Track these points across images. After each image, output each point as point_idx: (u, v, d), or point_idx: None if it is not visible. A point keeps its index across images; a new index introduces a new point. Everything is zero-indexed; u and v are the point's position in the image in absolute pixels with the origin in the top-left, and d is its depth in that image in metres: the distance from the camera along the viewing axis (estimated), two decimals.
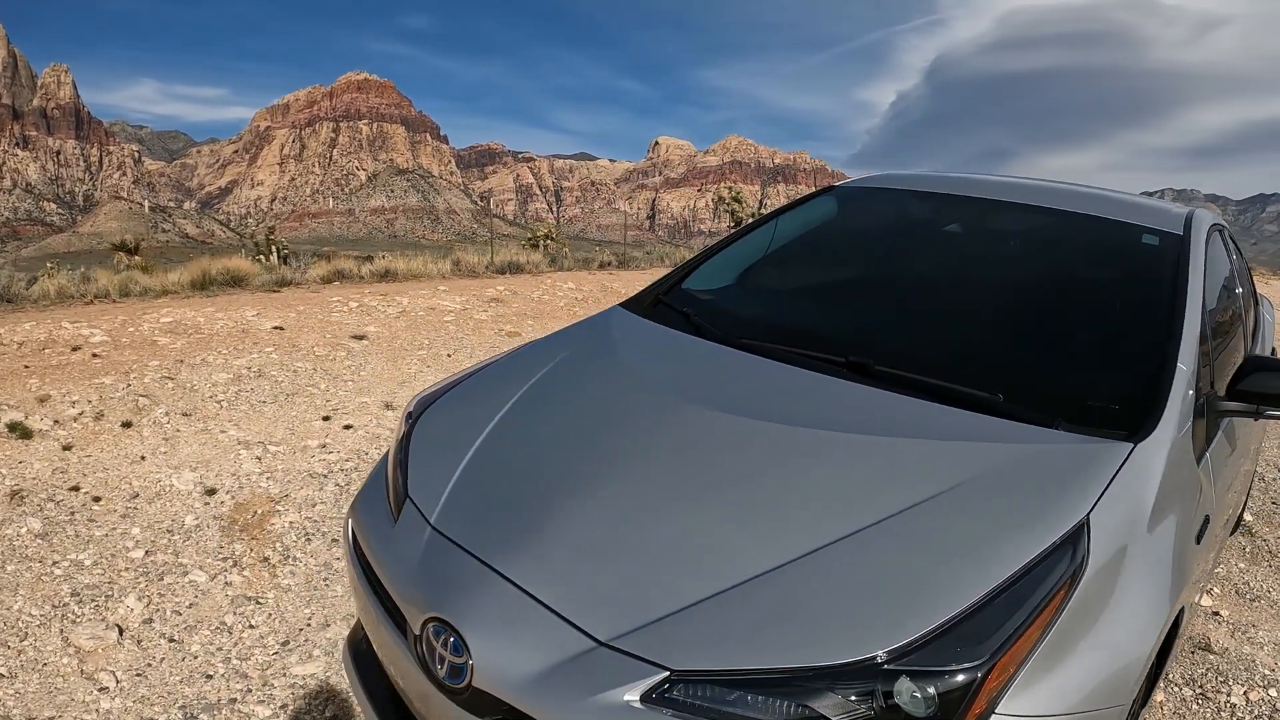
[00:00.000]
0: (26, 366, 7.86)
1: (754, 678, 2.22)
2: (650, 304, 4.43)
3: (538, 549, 2.68)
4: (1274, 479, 7.61)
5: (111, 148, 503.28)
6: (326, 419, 7.28)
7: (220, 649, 4.24)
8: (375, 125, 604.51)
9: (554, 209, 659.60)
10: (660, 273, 18.26)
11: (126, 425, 6.77)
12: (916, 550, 2.47)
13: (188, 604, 4.57)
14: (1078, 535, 2.52)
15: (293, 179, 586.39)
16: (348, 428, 7.14)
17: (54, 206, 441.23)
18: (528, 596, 2.54)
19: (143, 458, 6.25)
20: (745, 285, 4.92)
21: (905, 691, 2.14)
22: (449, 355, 9.44)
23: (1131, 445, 2.94)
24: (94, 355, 8.33)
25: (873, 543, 2.50)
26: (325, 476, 6.18)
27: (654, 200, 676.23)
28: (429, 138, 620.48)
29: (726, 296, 4.77)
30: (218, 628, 4.39)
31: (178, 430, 6.80)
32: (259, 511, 5.56)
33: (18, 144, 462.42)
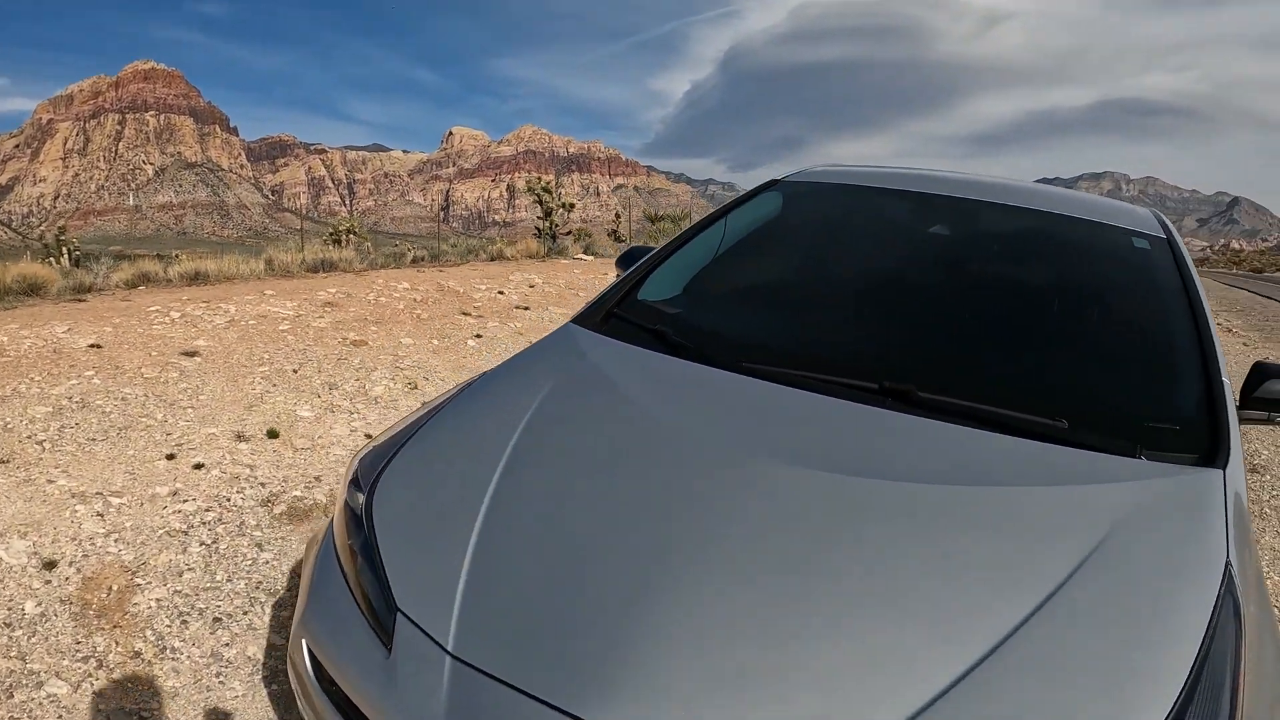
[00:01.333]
0: None
1: None
2: (616, 322, 3.84)
3: (634, 681, 2.03)
4: None
5: None
6: (171, 457, 6.25)
7: None
8: (163, 117, 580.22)
9: (347, 202, 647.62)
10: (481, 269, 17.37)
11: None
12: (1101, 632, 2.17)
13: None
14: (1230, 582, 2.34)
15: (77, 174, 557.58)
16: (198, 467, 6.14)
17: None
18: None
19: None
20: (716, 296, 4.38)
21: None
22: (294, 370, 8.48)
23: (1221, 472, 2.82)
24: None
25: (1053, 628, 2.16)
26: (186, 534, 5.22)
27: (448, 191, 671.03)
28: (218, 129, 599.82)
29: (701, 310, 4.22)
30: None
31: None
32: (114, 587, 4.58)
33: None
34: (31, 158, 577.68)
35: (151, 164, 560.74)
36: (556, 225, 32.32)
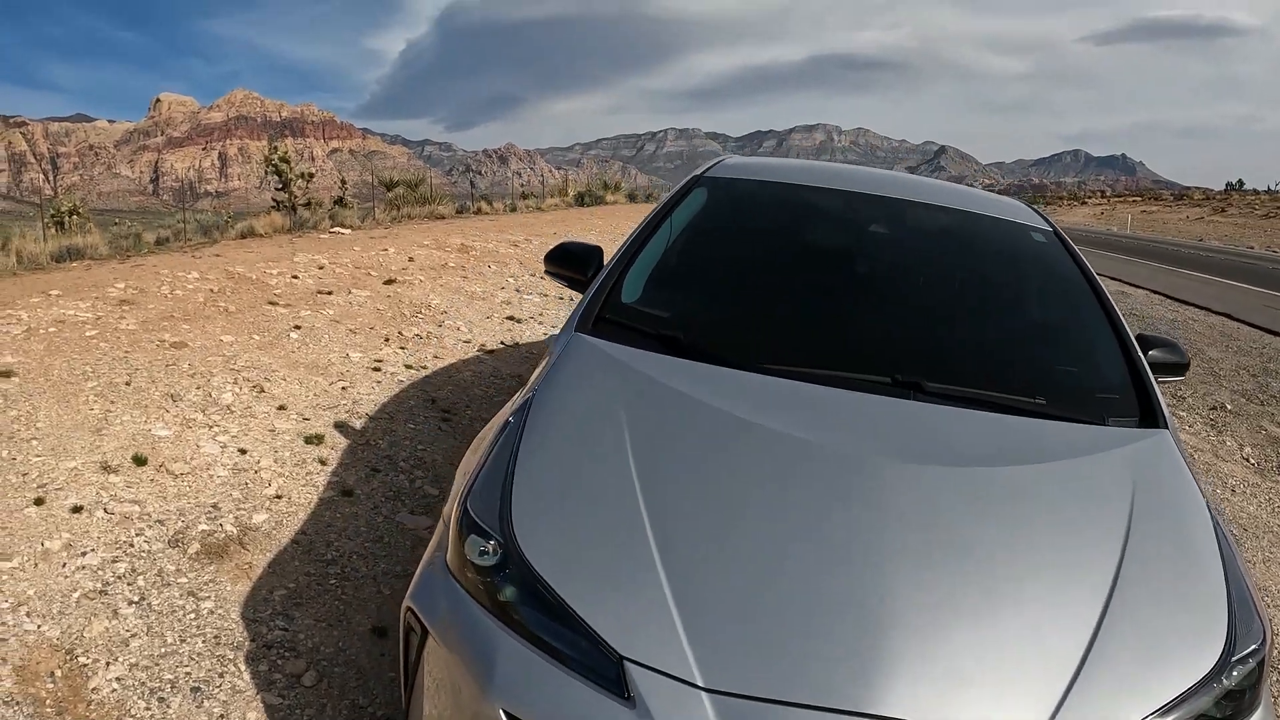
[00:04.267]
0: None
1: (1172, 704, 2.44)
2: (622, 330, 3.94)
3: (896, 671, 2.35)
4: None
5: None
6: (40, 502, 5.47)
7: None
8: None
9: (51, 178, 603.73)
10: (255, 250, 16.43)
11: None
12: (1170, 572, 2.89)
13: None
14: (1212, 512, 3.17)
15: None
16: (78, 510, 5.41)
17: None
18: None
19: None
20: (699, 296, 4.57)
21: (1238, 675, 2.56)
22: (127, 383, 7.64)
23: (1167, 431, 3.63)
24: None
25: (1145, 571, 2.82)
26: (105, 594, 4.59)
27: (157, 162, 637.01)
28: None
29: (701, 313, 4.43)
30: None
31: None
32: (58, 673, 3.96)
33: None
34: None
35: None
36: (295, 196, 30.93)
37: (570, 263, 4.65)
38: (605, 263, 4.55)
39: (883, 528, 2.77)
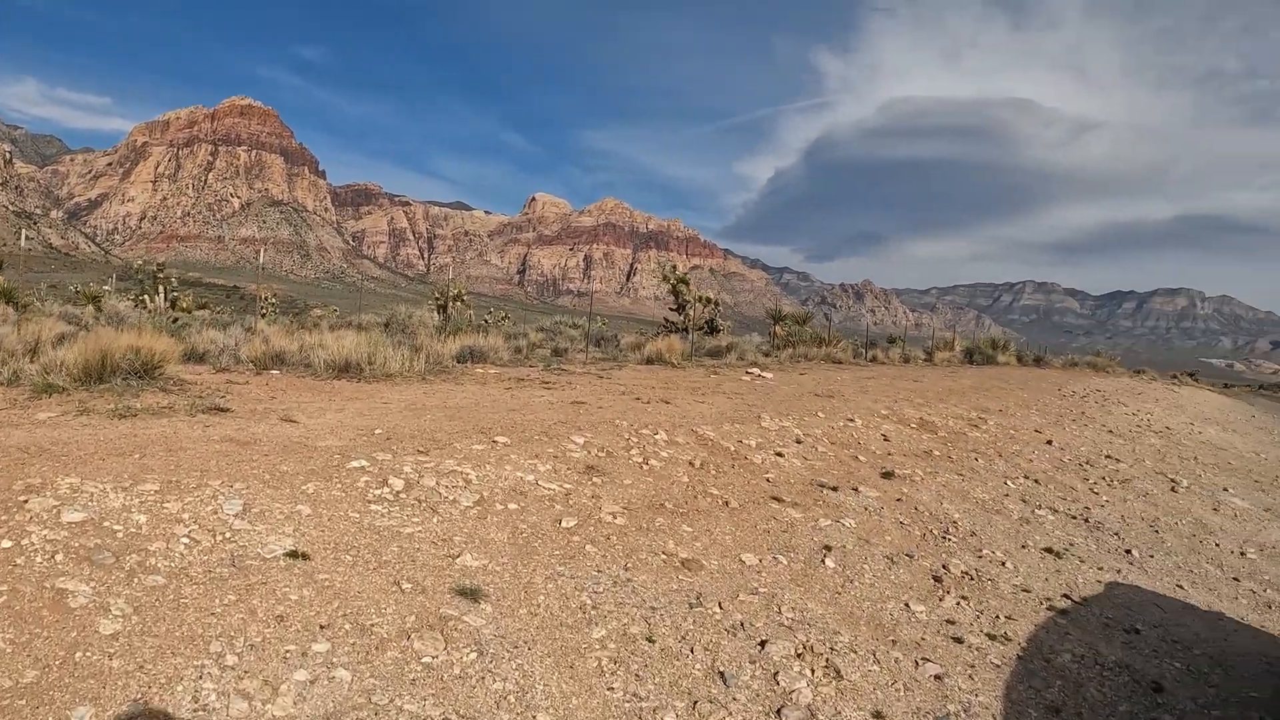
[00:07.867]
0: None
1: None
2: None
3: None
4: None
5: None
6: None
7: None
8: (254, 153, 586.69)
9: (425, 256, 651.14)
10: (675, 392, 14.18)
11: None
12: None
13: None
14: None
15: (164, 199, 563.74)
16: None
17: None
18: None
19: None
20: None
21: None
22: (649, 639, 5.25)
23: None
24: None
25: None
26: None
27: (525, 256, 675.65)
28: (307, 171, 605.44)
29: None
30: None
31: None
32: None
33: None
34: (123, 177, 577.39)
35: (238, 197, 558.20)
36: (690, 319, 29.68)
37: None
38: None
39: None
